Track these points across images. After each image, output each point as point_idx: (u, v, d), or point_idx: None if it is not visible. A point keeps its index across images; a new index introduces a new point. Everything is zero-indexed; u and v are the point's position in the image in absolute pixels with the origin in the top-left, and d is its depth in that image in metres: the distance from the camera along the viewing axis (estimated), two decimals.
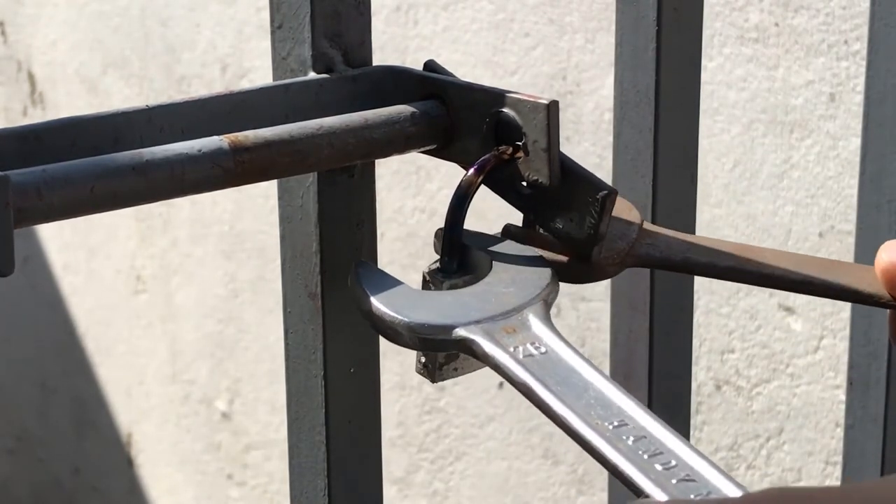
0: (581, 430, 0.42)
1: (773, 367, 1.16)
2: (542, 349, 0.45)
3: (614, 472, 0.41)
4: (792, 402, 1.16)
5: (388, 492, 1.48)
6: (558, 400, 0.43)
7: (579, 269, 0.50)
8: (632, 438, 0.42)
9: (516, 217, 0.53)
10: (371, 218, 0.54)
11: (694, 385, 0.77)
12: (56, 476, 1.95)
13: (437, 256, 0.50)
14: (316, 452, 0.54)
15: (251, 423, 1.66)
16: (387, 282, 0.47)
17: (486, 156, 0.49)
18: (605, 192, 0.48)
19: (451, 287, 0.48)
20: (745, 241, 1.15)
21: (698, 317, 1.18)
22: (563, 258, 0.50)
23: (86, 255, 1.81)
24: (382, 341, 0.55)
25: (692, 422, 1.22)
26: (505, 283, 0.48)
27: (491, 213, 1.34)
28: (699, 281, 0.78)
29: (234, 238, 1.61)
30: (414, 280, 0.50)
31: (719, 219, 1.16)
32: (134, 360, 1.80)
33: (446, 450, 1.44)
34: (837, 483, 1.14)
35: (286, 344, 0.55)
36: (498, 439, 1.39)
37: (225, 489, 1.72)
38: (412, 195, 1.38)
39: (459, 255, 0.50)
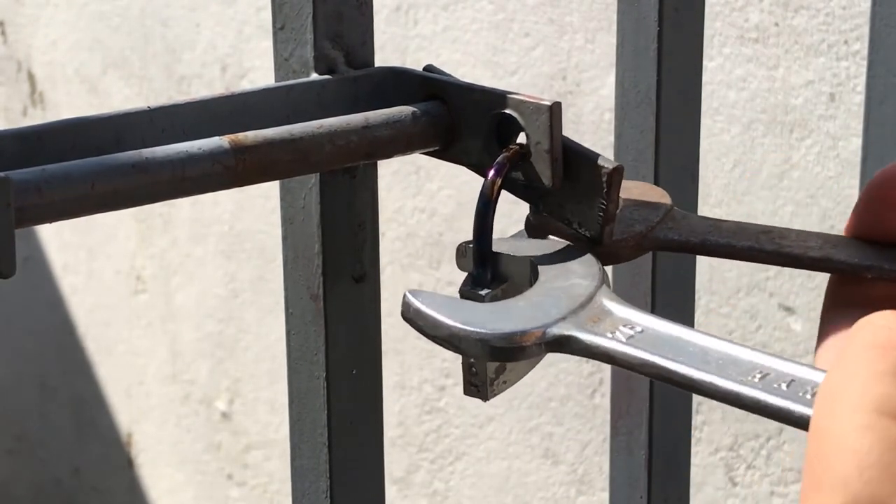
0: (735, 390, 0.40)
1: None
2: (638, 328, 0.44)
3: (798, 423, 0.39)
4: None
5: (389, 492, 1.48)
6: (692, 368, 0.41)
7: (594, 253, 0.49)
8: (784, 384, 0.40)
9: (514, 216, 0.52)
10: (373, 219, 0.54)
11: None
12: (56, 476, 1.95)
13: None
14: (318, 454, 0.54)
15: (251, 423, 1.66)
16: (447, 302, 0.45)
17: (501, 157, 0.49)
18: (611, 167, 0.48)
19: (493, 299, 0.47)
20: None
21: (698, 317, 1.18)
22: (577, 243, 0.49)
23: (86, 255, 1.82)
24: (383, 342, 0.55)
25: (692, 422, 1.22)
26: (559, 278, 0.47)
27: None
28: (699, 281, 0.78)
29: (234, 238, 1.61)
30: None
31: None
32: (134, 360, 1.80)
33: (446, 450, 1.44)
34: None
35: (288, 345, 0.55)
36: (498, 439, 1.39)
37: (225, 489, 1.72)
38: (412, 195, 1.38)
39: (492, 265, 0.48)
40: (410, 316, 0.45)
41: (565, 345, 0.45)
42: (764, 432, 1.18)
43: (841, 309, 0.44)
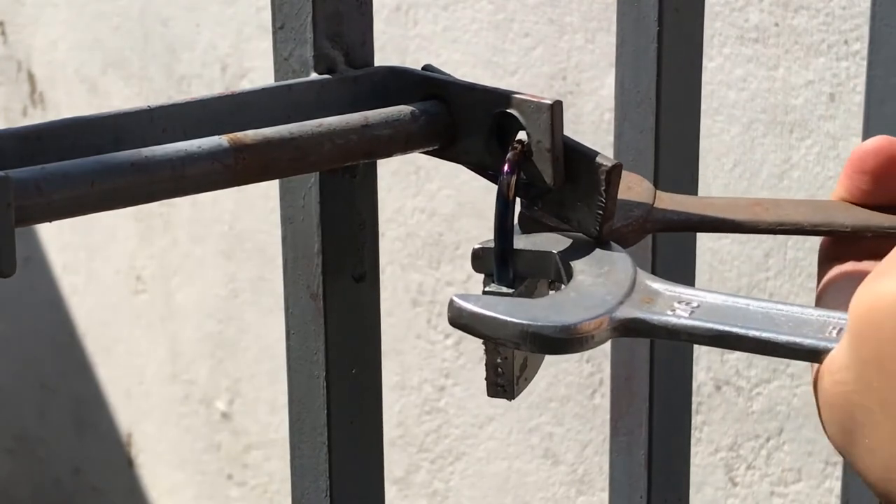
0: (825, 346, 0.40)
1: (773, 368, 1.16)
2: (694, 303, 0.44)
3: None
4: (792, 402, 1.16)
5: (389, 492, 1.48)
6: (772, 333, 0.42)
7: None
8: None
9: (515, 219, 0.52)
10: (373, 219, 0.54)
11: (694, 385, 0.77)
12: (56, 476, 1.95)
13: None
14: (318, 453, 0.54)
15: (251, 423, 1.66)
16: (499, 301, 0.45)
17: (511, 155, 0.49)
18: (610, 165, 0.48)
19: (520, 296, 0.47)
20: (745, 240, 1.15)
21: None
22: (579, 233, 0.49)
23: (86, 255, 1.82)
24: (383, 342, 0.55)
25: (692, 422, 1.22)
26: (594, 266, 0.47)
27: (490, 212, 1.34)
28: (699, 280, 0.78)
29: (234, 238, 1.61)
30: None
31: None
32: (134, 360, 1.80)
33: (446, 450, 1.44)
34: (838, 483, 1.14)
35: (288, 345, 0.55)
36: (498, 439, 1.39)
37: (225, 489, 1.72)
38: (412, 195, 1.38)
39: (514, 264, 0.48)
40: (465, 321, 0.44)
41: (633, 328, 0.45)
42: (764, 432, 1.18)
43: (837, 263, 0.47)
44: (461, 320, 0.45)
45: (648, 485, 0.66)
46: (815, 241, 1.23)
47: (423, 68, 0.53)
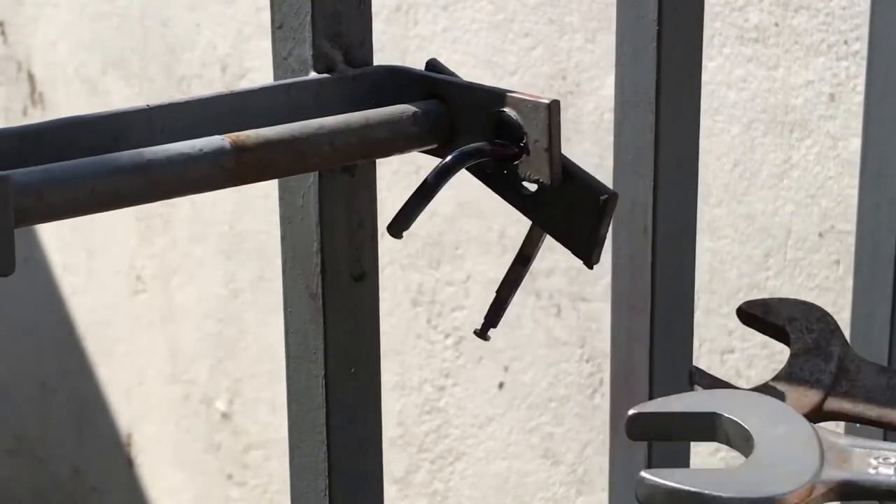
0: None
1: (773, 368, 1.16)
2: (891, 458, 0.44)
3: None
4: None
5: (388, 492, 1.48)
6: None
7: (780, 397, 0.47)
8: None
9: (517, 218, 0.52)
10: (372, 218, 0.54)
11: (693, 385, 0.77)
12: (56, 476, 1.95)
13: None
14: (316, 453, 0.54)
15: (251, 424, 1.66)
16: (694, 474, 0.43)
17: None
18: (606, 196, 0.48)
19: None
20: (745, 240, 1.15)
21: (698, 317, 1.18)
22: None
23: (86, 255, 1.82)
24: (383, 342, 0.55)
25: None
26: (773, 428, 0.44)
27: (489, 213, 1.35)
28: (699, 281, 0.78)
29: (234, 238, 1.61)
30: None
31: (719, 219, 1.16)
32: (134, 361, 1.80)
33: (446, 450, 1.44)
34: None
35: (287, 344, 0.55)
36: (498, 439, 1.39)
37: (225, 489, 1.72)
38: None
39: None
40: (661, 499, 0.42)
41: (844, 492, 0.44)
42: None
43: None
44: (656, 498, 0.42)
45: None
46: (815, 241, 1.24)
47: (428, 63, 0.53)
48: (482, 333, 0.54)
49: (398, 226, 0.49)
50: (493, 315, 0.53)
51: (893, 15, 0.75)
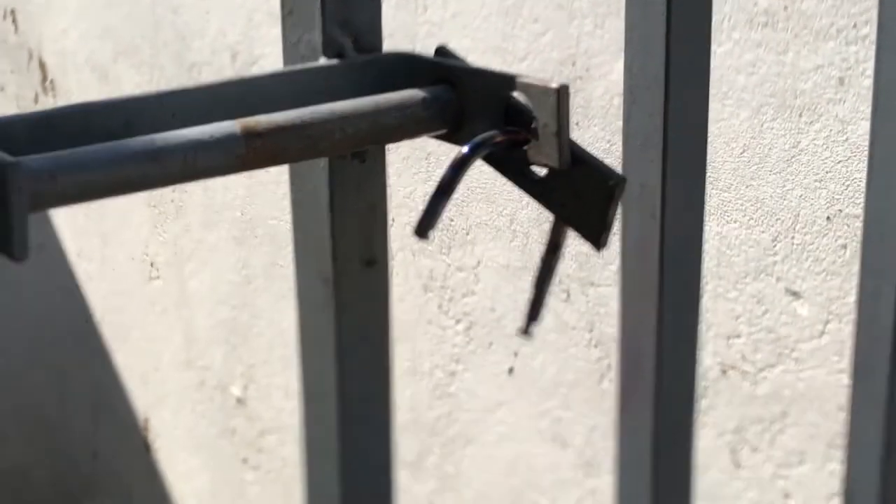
0: None
1: (778, 352, 1.16)
2: None
3: None
4: (797, 386, 1.16)
5: (400, 475, 1.49)
6: None
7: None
8: None
9: (527, 203, 0.53)
10: (383, 203, 0.54)
11: (700, 369, 0.77)
12: (74, 461, 1.96)
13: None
14: (329, 437, 0.54)
15: (265, 409, 1.67)
16: None
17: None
18: (615, 180, 0.48)
19: None
20: (753, 224, 1.15)
21: (705, 301, 1.19)
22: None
23: (99, 242, 1.82)
24: (395, 327, 0.55)
25: (697, 406, 1.22)
26: None
27: (500, 198, 1.35)
28: (707, 265, 0.78)
29: (247, 224, 1.62)
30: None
31: (728, 203, 1.16)
32: (149, 347, 1.81)
33: (457, 434, 1.45)
34: (840, 466, 1.14)
35: (299, 329, 0.55)
36: (507, 424, 1.40)
37: (240, 473, 1.73)
38: (422, 181, 1.38)
39: None
40: None
41: None
42: (769, 416, 1.19)
43: None
44: None
45: (655, 467, 0.66)
46: (822, 225, 1.23)
47: (437, 49, 0.53)
48: (525, 330, 0.54)
49: (425, 226, 0.49)
50: (534, 310, 0.54)
51: None
